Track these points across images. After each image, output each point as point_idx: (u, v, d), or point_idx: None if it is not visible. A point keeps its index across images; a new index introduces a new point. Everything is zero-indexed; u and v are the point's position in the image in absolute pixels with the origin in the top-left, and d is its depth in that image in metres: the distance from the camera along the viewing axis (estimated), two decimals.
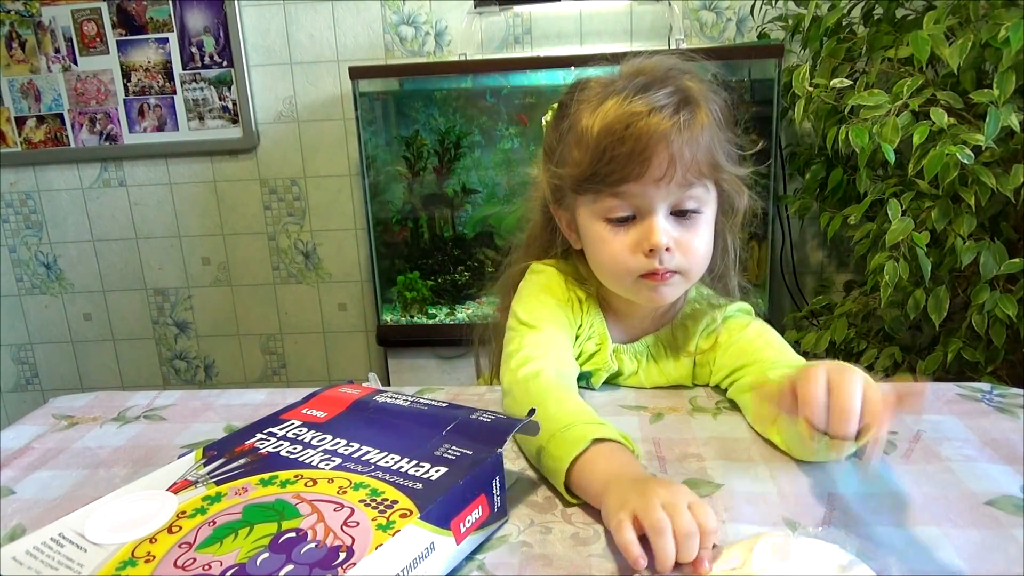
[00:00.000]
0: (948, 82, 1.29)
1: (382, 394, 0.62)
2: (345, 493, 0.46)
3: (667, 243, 0.69)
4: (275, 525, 0.43)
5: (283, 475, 0.49)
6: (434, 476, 0.48)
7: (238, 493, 0.47)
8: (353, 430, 0.56)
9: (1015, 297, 1.23)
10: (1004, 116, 1.15)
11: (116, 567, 0.41)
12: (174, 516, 0.45)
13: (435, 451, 0.51)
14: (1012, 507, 0.54)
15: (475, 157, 1.94)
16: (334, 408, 0.60)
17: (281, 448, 0.53)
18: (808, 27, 1.52)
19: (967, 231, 1.24)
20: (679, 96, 0.69)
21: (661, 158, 0.68)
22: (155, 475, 0.51)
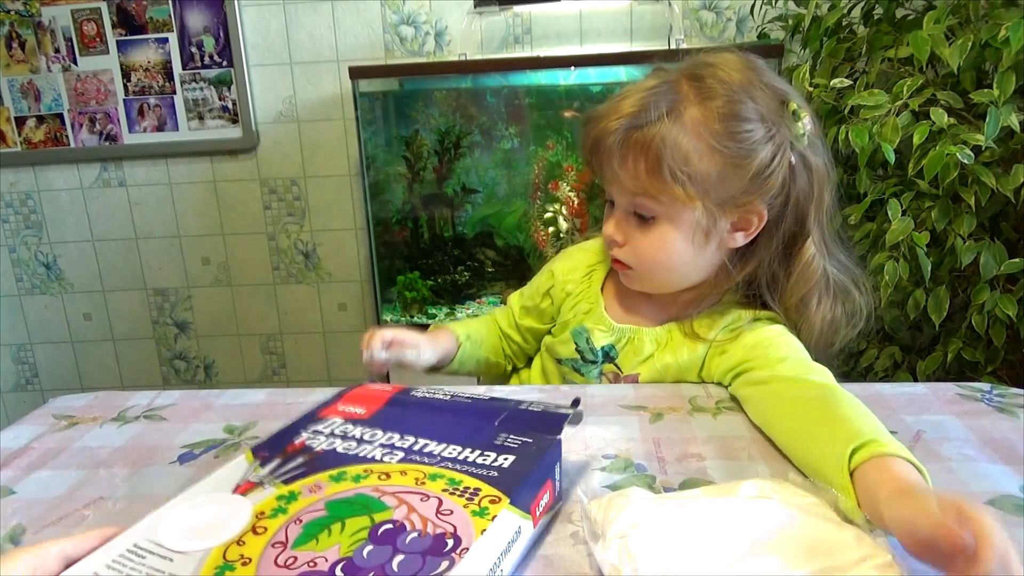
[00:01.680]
0: (948, 82, 1.29)
1: (417, 390, 0.60)
2: (424, 484, 0.45)
3: (613, 235, 0.78)
4: (367, 519, 0.41)
5: (351, 470, 0.47)
6: (505, 464, 0.47)
7: (312, 491, 0.45)
8: (401, 424, 0.54)
9: (1015, 297, 1.23)
10: (1004, 116, 1.15)
11: (214, 573, 0.38)
12: (253, 518, 0.43)
13: (495, 440, 0.51)
14: (1012, 507, 0.54)
15: (475, 157, 1.94)
16: (371, 404, 0.58)
17: (335, 445, 0.51)
18: (808, 27, 1.52)
19: (967, 231, 1.24)
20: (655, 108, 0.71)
21: (606, 159, 0.74)
22: (212, 479, 0.48)
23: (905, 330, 1.48)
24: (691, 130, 0.70)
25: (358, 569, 0.37)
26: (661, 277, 0.79)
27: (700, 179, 0.71)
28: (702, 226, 0.74)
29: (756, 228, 0.76)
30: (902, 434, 0.66)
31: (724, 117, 0.71)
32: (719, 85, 0.72)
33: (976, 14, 1.24)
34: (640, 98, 0.72)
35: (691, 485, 0.58)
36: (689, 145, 0.70)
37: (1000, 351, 1.29)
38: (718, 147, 0.70)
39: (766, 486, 0.52)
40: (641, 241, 0.76)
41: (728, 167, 0.71)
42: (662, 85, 0.73)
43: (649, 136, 0.70)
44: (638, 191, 0.73)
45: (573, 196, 1.89)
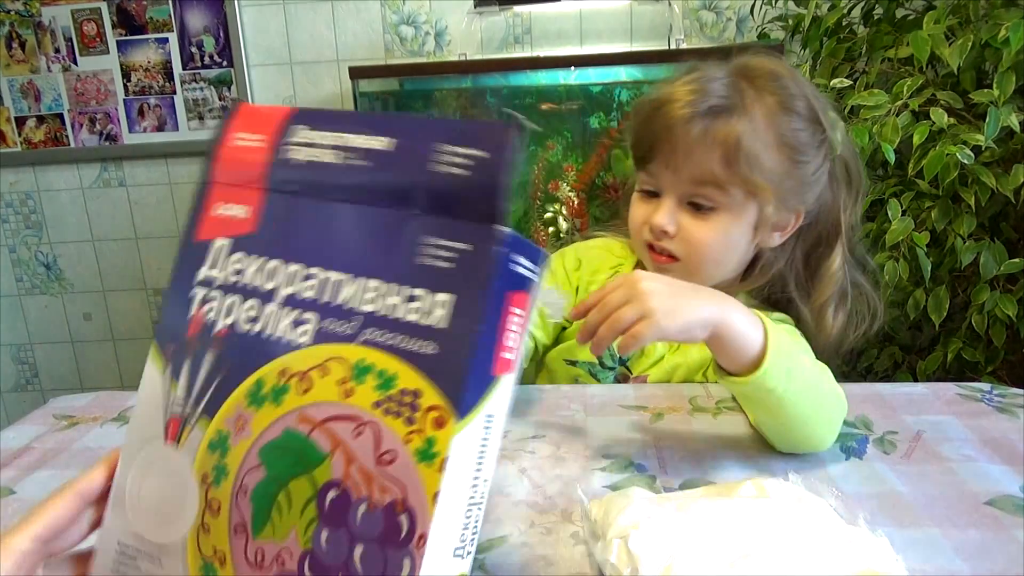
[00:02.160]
0: (948, 82, 1.29)
1: (293, 137, 0.42)
2: (352, 394, 0.36)
3: (666, 226, 0.75)
4: (308, 483, 0.36)
5: (267, 377, 0.39)
6: (442, 317, 0.35)
7: (239, 429, 0.39)
8: (297, 238, 0.41)
9: (1015, 297, 1.23)
10: (1004, 116, 1.15)
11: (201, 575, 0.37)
12: (201, 485, 0.39)
13: (420, 257, 0.37)
14: (1012, 507, 0.54)
15: None
16: (248, 189, 0.43)
17: (235, 313, 0.41)
18: (808, 27, 1.52)
19: (967, 231, 1.24)
20: (724, 100, 0.70)
21: (668, 148, 0.72)
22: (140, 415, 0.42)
23: (905, 330, 1.48)
24: (762, 124, 0.71)
25: (325, 568, 0.35)
26: (709, 270, 0.77)
27: (769, 174, 0.72)
28: (757, 221, 0.75)
29: (792, 229, 0.77)
30: (902, 434, 0.66)
31: (786, 114, 0.72)
32: (773, 83, 0.73)
33: (976, 14, 1.24)
34: (705, 86, 0.72)
35: (691, 485, 0.58)
36: (762, 140, 0.71)
37: (1000, 351, 1.29)
38: (784, 143, 0.72)
39: (766, 486, 0.52)
40: (697, 231, 0.75)
41: (789, 164, 0.73)
42: (719, 76, 0.73)
43: (729, 126, 0.70)
44: (707, 180, 0.72)
45: (573, 196, 1.89)
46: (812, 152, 0.74)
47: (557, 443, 0.66)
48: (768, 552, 0.45)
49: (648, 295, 0.54)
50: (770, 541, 0.46)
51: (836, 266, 0.79)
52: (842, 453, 0.63)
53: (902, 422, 0.68)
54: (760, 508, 0.49)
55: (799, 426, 0.60)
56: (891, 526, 0.51)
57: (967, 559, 0.48)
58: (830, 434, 0.62)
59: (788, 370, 0.57)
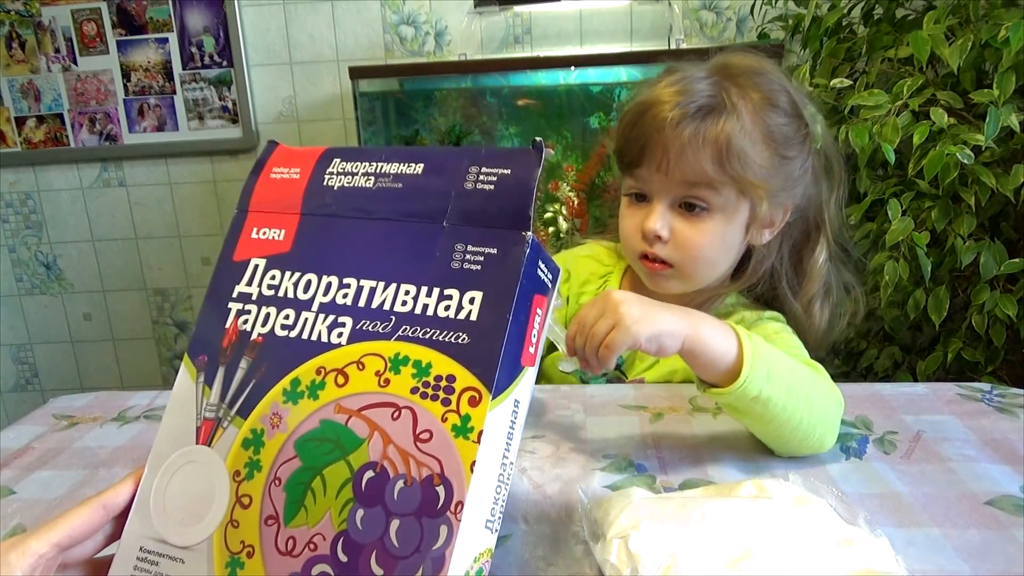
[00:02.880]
0: (948, 82, 1.29)
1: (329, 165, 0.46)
2: (389, 384, 0.38)
3: (659, 231, 0.74)
4: (344, 466, 0.38)
5: (304, 375, 0.40)
6: (473, 312, 0.38)
7: (274, 424, 0.40)
8: (333, 254, 0.44)
9: (1015, 297, 1.23)
10: (1004, 116, 1.15)
11: (227, 574, 0.37)
12: (232, 482, 0.39)
13: (451, 262, 0.40)
14: (1012, 507, 0.54)
15: None
16: (284, 214, 0.46)
17: (271, 321, 0.43)
18: (808, 27, 1.52)
19: (967, 231, 1.24)
20: (711, 99, 0.70)
21: (659, 150, 0.71)
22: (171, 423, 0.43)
23: (905, 330, 1.48)
24: (749, 121, 0.71)
25: (358, 547, 0.36)
26: (704, 273, 0.77)
27: (760, 171, 0.72)
28: (749, 220, 0.75)
29: (780, 225, 0.77)
30: (902, 434, 0.66)
31: (771, 109, 0.72)
32: (756, 79, 0.73)
33: (976, 14, 1.24)
34: (691, 87, 0.71)
35: (691, 485, 0.58)
36: (750, 137, 0.71)
37: (1000, 351, 1.29)
38: (771, 139, 0.72)
39: (766, 486, 0.52)
40: (689, 234, 0.74)
41: (777, 159, 0.73)
42: (701, 76, 0.73)
43: (720, 125, 0.69)
44: (700, 180, 0.71)
45: (573, 196, 1.89)
46: (797, 146, 0.74)
47: (557, 443, 0.66)
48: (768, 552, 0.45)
49: (618, 304, 0.57)
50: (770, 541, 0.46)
51: (822, 260, 0.79)
52: (842, 453, 0.63)
53: (902, 422, 0.68)
54: (760, 508, 0.49)
55: (792, 430, 0.59)
56: (891, 526, 0.51)
57: (967, 559, 0.48)
58: (828, 434, 0.61)
59: (768, 374, 0.57)
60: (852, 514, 0.49)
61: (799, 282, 0.79)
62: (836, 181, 0.79)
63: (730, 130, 0.69)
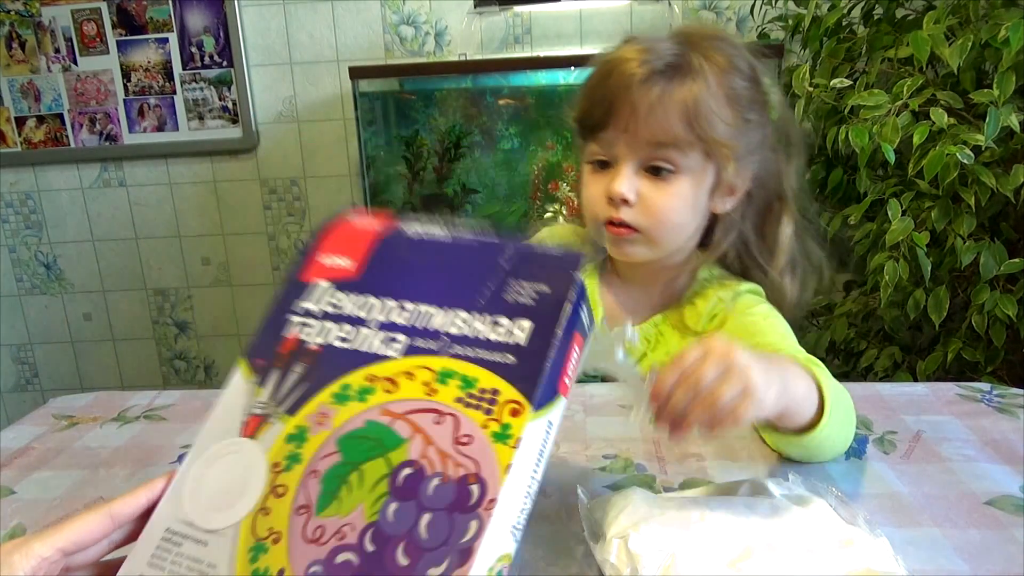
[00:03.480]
0: (948, 82, 1.29)
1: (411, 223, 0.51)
2: (436, 393, 0.41)
3: (626, 193, 0.71)
4: (384, 463, 0.39)
5: (354, 381, 0.42)
6: (521, 337, 0.41)
7: (320, 423, 0.41)
8: (396, 283, 0.47)
9: (1015, 297, 1.23)
10: (1004, 116, 1.15)
11: (249, 559, 0.38)
12: (270, 472, 0.40)
13: (504, 294, 0.43)
14: (1012, 507, 0.54)
15: (475, 157, 1.94)
16: (357, 251, 0.49)
17: (330, 334, 0.45)
18: (808, 27, 1.52)
19: (967, 231, 1.24)
20: (677, 59, 0.69)
21: (626, 109, 0.70)
22: (218, 416, 0.44)
23: (905, 330, 1.48)
24: (714, 83, 0.70)
25: (387, 538, 0.37)
26: (670, 237, 0.75)
27: (726, 133, 0.71)
28: (713, 184, 0.73)
29: (740, 193, 0.76)
30: (902, 434, 0.66)
31: (734, 71, 0.71)
32: (717, 43, 0.72)
33: (976, 14, 1.24)
34: (655, 47, 0.70)
35: (691, 485, 0.58)
36: (716, 98, 0.70)
37: (1000, 351, 1.29)
38: (734, 101, 0.71)
39: (766, 486, 0.52)
40: (657, 197, 0.72)
41: (739, 121, 0.72)
42: (663, 41, 0.72)
43: (685, 85, 0.69)
44: (667, 142, 0.70)
45: (573, 196, 1.89)
46: (758, 111, 0.74)
47: (557, 443, 0.66)
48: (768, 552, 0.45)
49: (747, 367, 0.47)
50: (770, 541, 0.46)
51: (789, 232, 0.78)
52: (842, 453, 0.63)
53: (902, 422, 0.68)
54: (760, 508, 0.49)
55: (829, 453, 0.61)
56: (891, 526, 0.51)
57: (967, 559, 0.48)
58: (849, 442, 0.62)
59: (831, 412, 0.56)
60: (852, 514, 0.49)
61: (768, 255, 0.79)
62: (795, 151, 0.78)
63: (698, 91, 0.69)
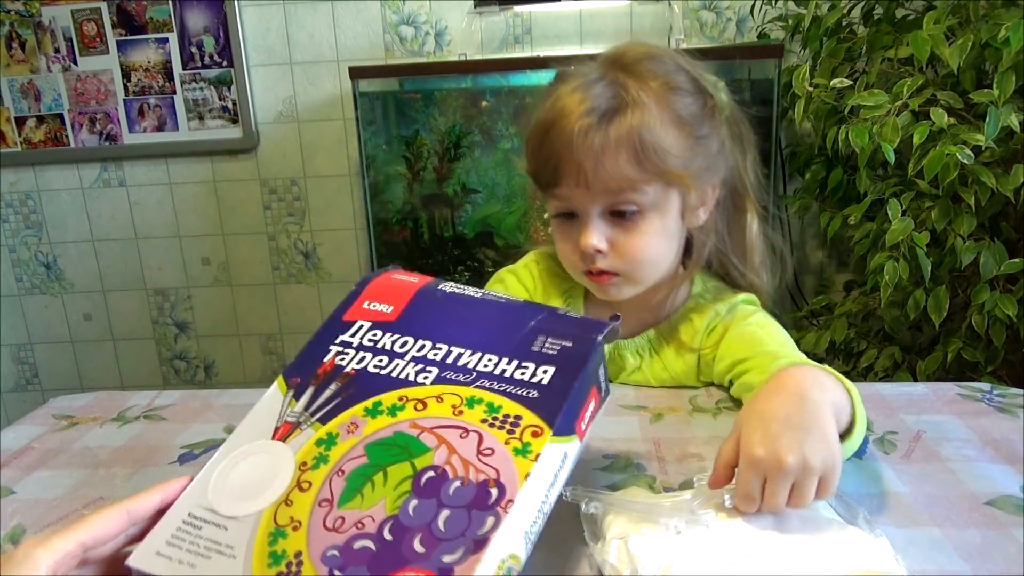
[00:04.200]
0: (948, 82, 1.29)
1: (444, 284, 0.55)
2: (462, 414, 0.44)
3: (598, 245, 0.71)
4: (408, 466, 0.41)
5: (386, 399, 0.46)
6: (545, 379, 0.45)
7: (350, 431, 0.44)
8: (432, 327, 0.50)
9: (1015, 297, 1.23)
10: (1004, 116, 1.15)
11: (268, 542, 0.39)
12: (296, 471, 0.43)
13: (532, 346, 0.47)
14: (1012, 507, 0.54)
15: (475, 157, 1.94)
16: (397, 300, 0.53)
17: (366, 362, 0.49)
18: (808, 27, 1.52)
19: (967, 231, 1.24)
20: (614, 99, 0.68)
21: (573, 166, 0.69)
22: (251, 421, 0.47)
23: (905, 330, 1.48)
24: (656, 111, 0.68)
25: (405, 529, 0.38)
26: (649, 273, 0.75)
27: (678, 158, 0.70)
28: (681, 207, 0.73)
29: (711, 203, 0.76)
30: (902, 434, 0.66)
31: (673, 93, 0.70)
32: (650, 66, 0.71)
33: (976, 14, 1.24)
34: (589, 93, 0.69)
35: (691, 485, 0.58)
36: (662, 126, 0.68)
37: (1000, 351, 1.29)
38: (681, 123, 0.70)
39: None
40: (628, 241, 0.72)
41: (692, 141, 0.71)
42: (596, 77, 0.70)
43: (627, 124, 0.67)
44: (624, 186, 0.69)
45: None
46: (708, 122, 0.72)
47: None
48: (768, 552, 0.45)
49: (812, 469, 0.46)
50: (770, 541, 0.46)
51: (756, 227, 0.78)
52: None
53: (902, 422, 0.68)
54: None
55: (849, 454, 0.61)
56: (891, 526, 0.51)
57: (967, 559, 0.48)
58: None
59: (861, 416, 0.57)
60: (852, 514, 0.49)
61: (740, 252, 0.79)
62: (747, 143, 0.78)
63: (638, 124, 0.67)
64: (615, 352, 0.80)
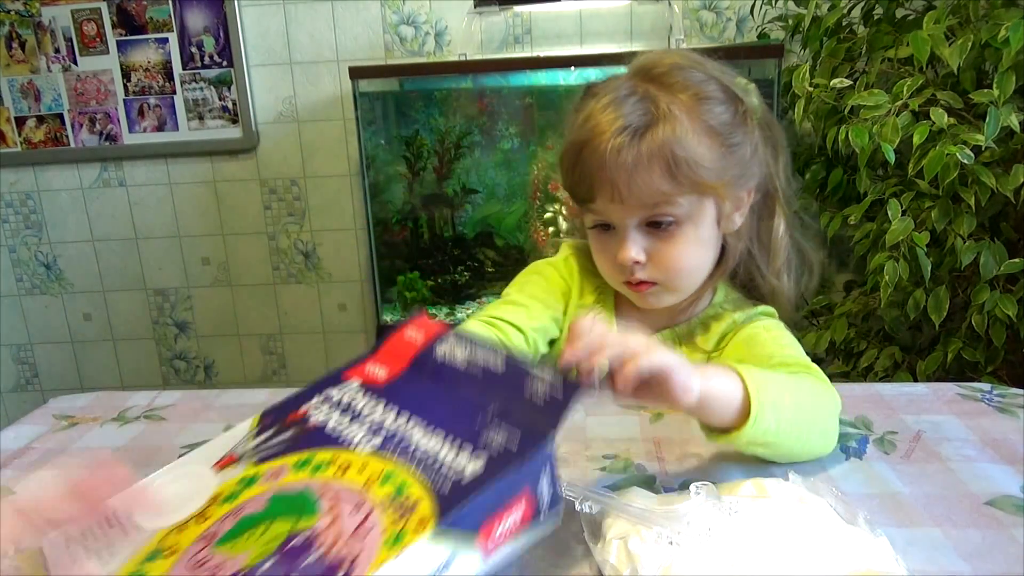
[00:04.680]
0: (948, 82, 1.29)
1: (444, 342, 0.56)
2: (370, 488, 0.44)
3: (636, 257, 0.72)
4: (289, 525, 0.42)
5: (318, 456, 0.48)
6: (469, 470, 0.44)
7: (272, 476, 0.47)
8: (407, 398, 0.52)
9: (1015, 297, 1.23)
10: (1004, 116, 1.15)
11: (142, 559, 0.41)
12: (208, 500, 0.45)
13: (481, 433, 0.47)
14: (1012, 507, 0.54)
15: (475, 157, 1.94)
16: (397, 363, 0.56)
17: (330, 419, 0.51)
18: (808, 27, 1.52)
19: (967, 231, 1.24)
20: (645, 115, 0.68)
21: (608, 184, 0.69)
22: (213, 445, 0.51)
23: (905, 330, 1.48)
24: (688, 123, 0.69)
25: None
26: (688, 281, 0.76)
27: (712, 168, 0.70)
28: (716, 215, 0.73)
29: (747, 207, 0.76)
30: (902, 434, 0.66)
31: (704, 103, 0.70)
32: (679, 77, 0.71)
33: (976, 14, 1.24)
34: (620, 111, 0.69)
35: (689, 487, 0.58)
36: (694, 137, 0.69)
37: (1000, 351, 1.29)
38: (713, 133, 0.70)
39: (766, 486, 0.52)
40: (666, 251, 0.72)
41: (724, 150, 0.71)
42: (626, 92, 0.71)
43: (659, 139, 0.67)
44: (658, 199, 0.70)
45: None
46: (740, 130, 0.72)
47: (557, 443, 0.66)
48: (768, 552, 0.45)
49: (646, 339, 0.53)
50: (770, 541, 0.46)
51: (783, 230, 0.78)
52: (842, 453, 0.63)
53: (902, 422, 0.68)
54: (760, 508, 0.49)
55: (798, 451, 0.61)
56: (891, 526, 0.51)
57: (967, 559, 0.48)
58: (830, 442, 0.62)
59: (774, 404, 0.57)
60: (852, 514, 0.49)
61: (764, 254, 0.79)
62: (779, 147, 0.78)
63: (670, 138, 0.67)
64: None
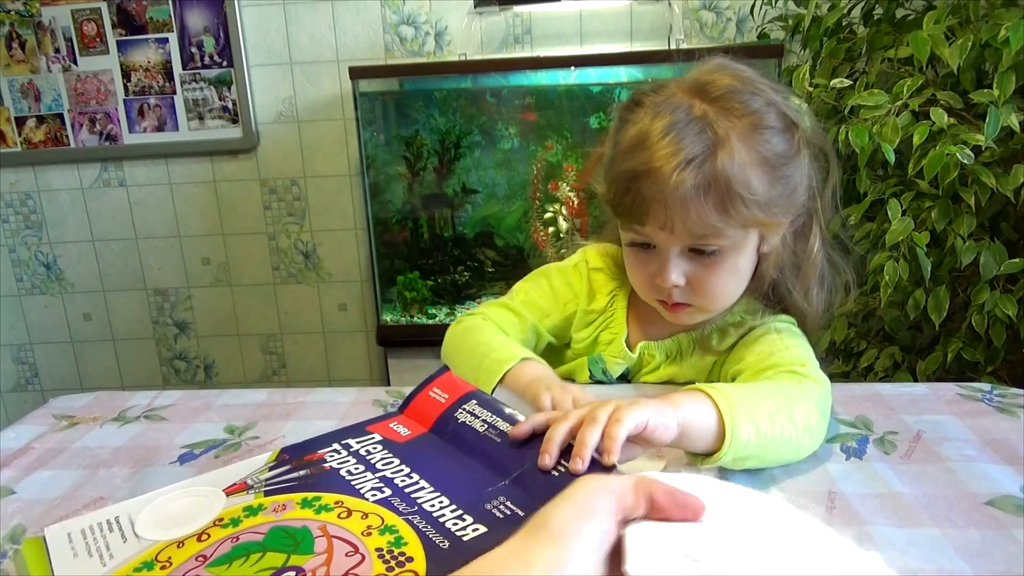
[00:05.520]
0: (948, 82, 1.29)
1: (466, 404, 0.58)
2: (369, 535, 0.45)
3: (676, 282, 0.72)
4: (283, 558, 0.43)
5: (325, 498, 0.49)
6: (467, 536, 0.45)
7: (276, 510, 0.48)
8: (421, 459, 0.54)
9: (1015, 297, 1.23)
10: (1004, 116, 1.15)
11: (136, 566, 0.42)
12: (211, 521, 0.46)
13: (486, 503, 0.48)
14: (1012, 507, 0.54)
15: (475, 157, 1.94)
16: (419, 424, 0.59)
17: (346, 466, 0.53)
18: (808, 27, 1.52)
19: (967, 231, 1.24)
20: (704, 146, 0.67)
21: (662, 213, 0.69)
22: (227, 471, 0.52)
23: (905, 330, 1.48)
24: (744, 153, 0.68)
25: None
26: (722, 305, 0.76)
27: (763, 205, 0.69)
28: (758, 243, 0.73)
29: (785, 228, 0.75)
30: (902, 434, 0.66)
31: (760, 132, 0.69)
32: (737, 102, 0.69)
33: (976, 14, 1.24)
34: (680, 143, 0.68)
35: None
36: (750, 169, 0.68)
37: (1000, 351, 1.29)
38: (766, 163, 0.69)
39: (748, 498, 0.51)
40: (706, 277, 0.72)
41: (775, 180, 0.70)
42: (685, 117, 0.69)
43: (714, 172, 0.66)
44: (708, 232, 0.69)
45: (573, 196, 1.89)
46: (794, 160, 0.71)
47: None
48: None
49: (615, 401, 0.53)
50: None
51: (816, 247, 0.78)
52: (842, 453, 0.63)
53: (902, 422, 0.68)
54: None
55: (787, 454, 0.61)
56: (891, 526, 0.51)
57: (967, 559, 0.48)
58: (818, 437, 0.62)
59: (750, 416, 0.57)
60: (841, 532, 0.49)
61: (797, 269, 0.79)
62: (831, 168, 0.77)
63: (726, 171, 0.66)
64: (648, 352, 0.81)
